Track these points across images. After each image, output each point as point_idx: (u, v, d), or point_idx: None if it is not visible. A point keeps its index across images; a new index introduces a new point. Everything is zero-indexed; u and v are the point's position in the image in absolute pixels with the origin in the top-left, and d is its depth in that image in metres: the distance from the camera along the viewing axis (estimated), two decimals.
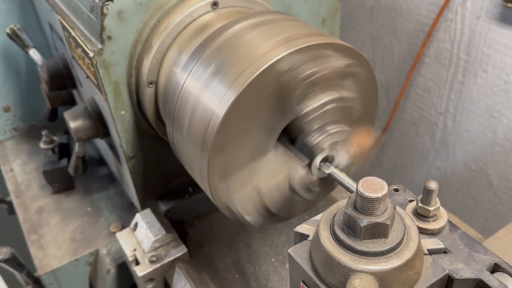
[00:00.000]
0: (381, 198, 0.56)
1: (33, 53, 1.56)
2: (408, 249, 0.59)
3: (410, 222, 0.62)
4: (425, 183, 0.66)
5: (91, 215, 1.53)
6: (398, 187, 0.75)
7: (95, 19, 1.05)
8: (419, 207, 0.68)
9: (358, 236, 0.58)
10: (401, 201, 0.73)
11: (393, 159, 2.34)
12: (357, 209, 0.58)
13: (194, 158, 0.94)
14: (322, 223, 0.62)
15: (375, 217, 0.57)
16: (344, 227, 0.60)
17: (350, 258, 0.58)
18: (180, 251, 1.20)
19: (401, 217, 0.61)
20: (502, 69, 1.66)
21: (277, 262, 1.27)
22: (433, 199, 0.67)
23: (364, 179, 0.58)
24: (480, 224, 2.02)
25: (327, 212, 0.64)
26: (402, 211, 0.64)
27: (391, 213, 0.58)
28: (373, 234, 0.58)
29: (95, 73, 1.08)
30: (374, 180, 0.57)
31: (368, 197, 0.56)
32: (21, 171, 1.78)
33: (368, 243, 0.58)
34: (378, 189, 0.56)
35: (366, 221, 0.57)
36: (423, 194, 0.67)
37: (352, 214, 0.58)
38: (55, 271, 1.36)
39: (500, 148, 1.78)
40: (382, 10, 2.04)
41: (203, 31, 1.04)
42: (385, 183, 0.57)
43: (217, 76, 0.90)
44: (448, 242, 0.66)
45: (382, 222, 0.57)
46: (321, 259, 0.60)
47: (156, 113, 1.14)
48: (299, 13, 1.28)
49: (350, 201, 0.59)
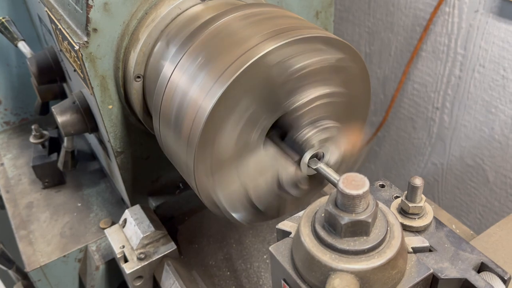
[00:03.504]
0: (362, 195, 0.54)
1: (22, 46, 1.53)
2: (391, 247, 0.57)
3: (394, 220, 0.60)
4: (410, 179, 0.65)
5: (81, 210, 1.51)
6: (384, 183, 0.73)
7: (81, 11, 1.03)
8: (404, 204, 0.66)
9: (339, 234, 0.57)
10: (387, 197, 0.71)
11: (390, 154, 2.32)
12: (338, 206, 0.56)
13: (181, 154, 0.92)
14: (303, 220, 0.61)
15: (356, 214, 0.55)
16: (325, 224, 0.58)
17: (330, 257, 0.56)
18: (169, 248, 1.18)
19: (384, 214, 0.60)
20: (499, 64, 1.64)
21: (268, 258, 1.25)
22: (418, 196, 0.65)
23: (345, 176, 0.56)
24: (476, 220, 2.00)
25: (309, 208, 0.62)
26: (385, 208, 0.62)
27: (373, 210, 0.56)
28: (354, 232, 0.56)
29: (81, 67, 1.06)
30: (356, 177, 0.55)
31: (348, 194, 0.54)
32: (12, 166, 1.76)
33: (349, 241, 0.56)
34: (360, 185, 0.54)
35: (347, 219, 0.55)
36: (408, 191, 0.66)
37: (333, 211, 0.56)
38: (43, 268, 1.34)
39: (497, 144, 1.76)
40: (380, 4, 2.02)
41: (191, 23, 1.02)
42: (367, 180, 0.55)
43: (204, 68, 0.88)
44: (433, 240, 0.65)
45: (363, 220, 0.55)
46: (302, 257, 0.59)
47: (144, 107, 1.11)
48: (292, 5, 1.26)
49: (331, 198, 0.58)
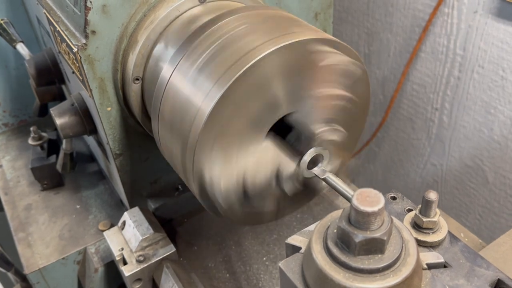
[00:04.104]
0: (377, 213, 0.52)
1: (21, 47, 1.53)
2: (406, 265, 0.54)
3: (409, 236, 0.58)
4: (425, 193, 0.62)
5: (80, 212, 1.50)
6: (395, 195, 0.70)
7: (79, 13, 1.02)
8: (418, 218, 0.64)
9: (353, 252, 0.54)
10: (399, 210, 0.69)
11: (389, 155, 2.32)
12: (352, 223, 0.54)
13: (180, 156, 0.91)
14: (315, 236, 0.58)
15: (371, 232, 0.53)
16: (338, 241, 0.56)
17: (344, 276, 0.54)
18: (168, 251, 1.17)
19: (399, 231, 0.57)
20: (499, 65, 1.64)
21: (268, 261, 1.25)
22: (433, 210, 0.63)
23: (359, 191, 0.53)
24: (476, 220, 2.00)
25: (321, 223, 0.60)
26: (399, 223, 0.59)
27: (388, 227, 0.53)
28: (369, 250, 0.54)
29: (80, 69, 1.05)
30: (370, 192, 0.53)
31: (363, 211, 0.52)
32: (11, 168, 1.76)
33: (363, 259, 0.54)
34: (374, 202, 0.52)
35: (361, 237, 0.53)
36: (422, 205, 0.63)
37: (346, 228, 0.54)
38: (42, 270, 1.33)
39: (496, 145, 1.76)
40: (378, 5, 2.01)
41: (190, 26, 1.01)
42: (382, 196, 0.53)
43: (203, 70, 0.88)
44: (448, 256, 0.63)
45: (378, 238, 0.53)
46: (313, 275, 0.56)
47: (143, 110, 1.11)
48: (291, 7, 1.25)
49: (344, 214, 0.55)
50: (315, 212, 1.35)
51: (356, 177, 2.56)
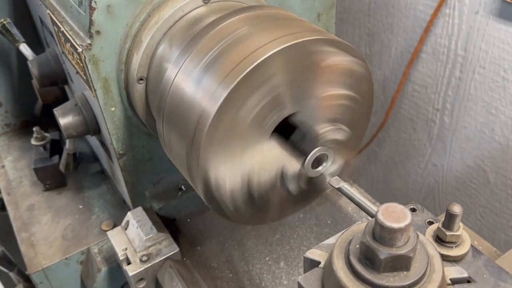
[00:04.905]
0: (404, 229, 0.50)
1: (24, 48, 1.53)
2: (432, 282, 0.53)
3: (433, 251, 0.56)
4: (448, 206, 0.61)
5: (83, 212, 1.51)
6: (415, 207, 0.69)
7: (84, 13, 1.03)
8: (441, 232, 0.63)
9: (377, 269, 0.52)
10: (419, 222, 0.67)
11: (390, 155, 2.32)
12: (376, 239, 0.52)
13: (185, 157, 0.92)
14: (336, 251, 0.56)
15: (397, 248, 0.51)
16: (361, 257, 0.54)
17: None
18: (172, 250, 1.18)
19: (424, 246, 0.55)
20: (500, 65, 1.64)
21: (271, 260, 1.25)
22: (456, 224, 0.62)
23: (384, 206, 0.51)
24: (477, 221, 2.00)
25: (342, 238, 0.58)
26: (424, 238, 0.58)
27: (414, 243, 0.52)
28: (394, 267, 0.52)
29: (84, 69, 1.06)
30: (396, 208, 0.51)
31: (389, 227, 0.50)
32: (13, 168, 1.76)
33: (388, 276, 0.52)
34: (401, 218, 0.50)
35: (387, 253, 0.51)
36: (445, 218, 0.62)
37: (371, 244, 0.52)
38: (45, 270, 1.33)
39: (498, 145, 1.76)
40: (379, 5, 2.02)
41: (194, 26, 1.02)
42: (408, 211, 0.51)
43: (208, 71, 0.88)
44: (472, 270, 0.61)
45: (404, 255, 0.51)
46: None
47: (147, 110, 1.12)
48: (294, 7, 1.26)
49: (368, 229, 0.53)
50: (317, 211, 1.35)
51: (357, 177, 2.56)
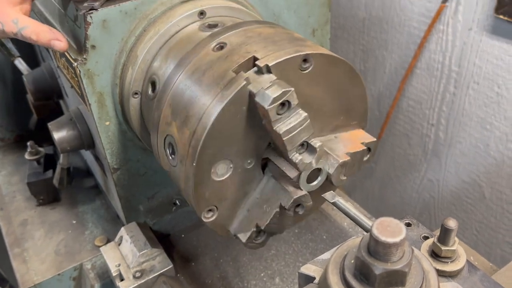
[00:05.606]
0: (399, 243, 0.50)
1: (19, 62, 1.54)
2: None
3: (429, 266, 0.56)
4: (444, 221, 0.60)
5: (76, 228, 1.49)
6: (410, 221, 0.69)
7: (79, 28, 1.03)
8: (436, 247, 0.62)
9: (372, 284, 0.52)
10: (414, 237, 0.67)
11: (385, 170, 2.32)
12: (371, 254, 0.52)
13: (179, 172, 0.91)
14: (331, 266, 0.56)
15: (392, 263, 0.51)
16: (356, 272, 0.54)
17: None
18: (166, 266, 1.16)
19: (419, 261, 0.55)
20: (494, 81, 1.66)
21: (266, 276, 1.24)
22: (452, 239, 0.62)
23: (379, 221, 0.51)
24: (473, 236, 2.00)
25: (337, 253, 0.58)
26: (419, 253, 0.57)
27: (409, 258, 0.51)
28: (389, 282, 0.52)
29: (79, 83, 1.06)
30: (390, 222, 0.51)
31: (384, 242, 0.49)
32: (6, 183, 1.74)
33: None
34: (396, 232, 0.50)
35: (382, 269, 0.51)
36: (440, 233, 0.62)
37: (366, 259, 0.52)
38: (37, 286, 1.32)
39: (493, 160, 1.77)
40: (374, 22, 2.04)
41: (190, 41, 1.02)
42: (403, 225, 0.51)
43: (202, 86, 0.88)
44: (467, 286, 0.61)
45: (399, 270, 0.51)
46: None
47: (141, 124, 1.11)
48: (289, 23, 1.27)
49: (363, 244, 0.53)
50: (313, 227, 1.35)
51: (352, 192, 2.56)
